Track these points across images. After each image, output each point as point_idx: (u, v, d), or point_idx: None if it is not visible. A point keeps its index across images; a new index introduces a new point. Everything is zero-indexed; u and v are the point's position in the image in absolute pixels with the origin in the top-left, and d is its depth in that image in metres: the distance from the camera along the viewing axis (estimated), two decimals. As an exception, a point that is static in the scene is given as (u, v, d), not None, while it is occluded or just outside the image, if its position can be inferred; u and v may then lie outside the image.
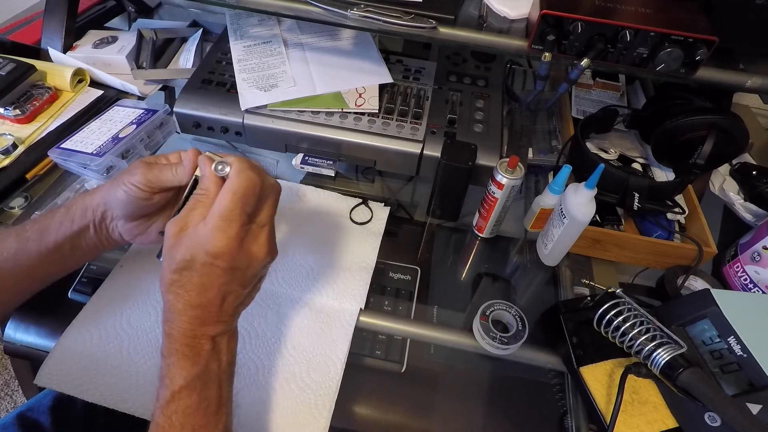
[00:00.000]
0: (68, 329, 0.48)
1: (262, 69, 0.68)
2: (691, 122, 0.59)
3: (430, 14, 0.57)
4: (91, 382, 0.45)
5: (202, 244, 0.35)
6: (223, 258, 0.36)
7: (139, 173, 0.41)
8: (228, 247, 0.36)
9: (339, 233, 0.60)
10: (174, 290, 0.36)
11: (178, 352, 0.36)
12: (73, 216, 0.43)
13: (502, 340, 0.49)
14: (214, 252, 0.35)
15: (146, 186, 0.42)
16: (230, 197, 0.36)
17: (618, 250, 0.60)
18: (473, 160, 0.58)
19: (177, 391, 0.35)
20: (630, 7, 0.53)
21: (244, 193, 0.36)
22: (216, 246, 0.35)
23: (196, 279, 0.36)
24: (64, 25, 0.75)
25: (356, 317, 0.52)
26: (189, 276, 0.36)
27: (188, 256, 0.36)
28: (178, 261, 0.36)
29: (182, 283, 0.36)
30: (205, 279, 0.36)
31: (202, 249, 0.35)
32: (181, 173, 0.42)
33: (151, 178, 0.42)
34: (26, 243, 0.42)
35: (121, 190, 0.42)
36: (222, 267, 0.36)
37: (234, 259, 0.36)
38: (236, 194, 0.36)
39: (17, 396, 1.17)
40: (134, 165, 0.42)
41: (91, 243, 0.45)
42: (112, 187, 0.43)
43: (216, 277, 0.36)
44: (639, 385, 0.47)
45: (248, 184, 0.37)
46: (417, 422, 0.47)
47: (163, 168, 0.42)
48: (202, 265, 0.36)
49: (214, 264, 0.36)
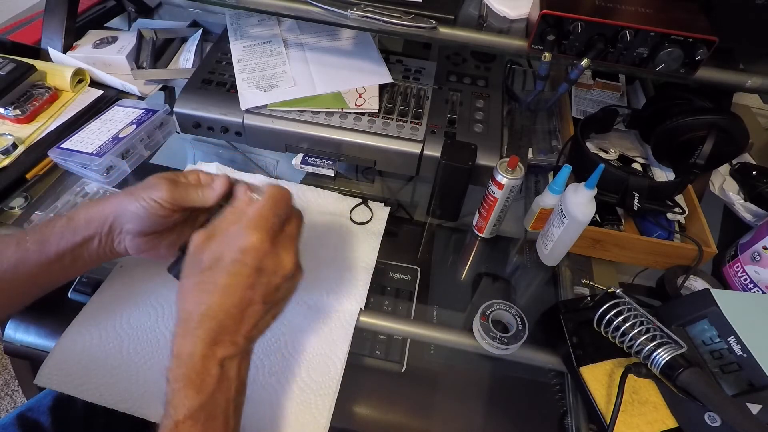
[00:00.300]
0: (68, 329, 0.48)
1: (262, 69, 0.68)
2: (691, 122, 0.59)
3: (430, 14, 0.57)
4: (90, 382, 0.45)
5: (233, 241, 0.36)
6: (253, 254, 0.36)
7: (163, 190, 0.41)
8: (260, 242, 0.36)
9: (339, 233, 0.60)
10: (194, 296, 0.35)
11: (184, 377, 0.33)
12: (75, 226, 0.42)
13: (502, 340, 0.49)
14: (245, 246, 0.35)
15: (170, 203, 0.41)
16: (265, 199, 0.38)
17: (618, 250, 0.60)
18: (473, 160, 0.58)
19: (181, 421, 0.33)
20: (630, 7, 0.53)
21: (278, 198, 0.38)
22: (249, 240, 0.35)
23: (221, 279, 0.35)
24: (64, 25, 0.75)
25: (356, 317, 0.52)
26: (213, 277, 0.35)
27: (217, 254, 0.36)
28: (204, 261, 0.36)
29: (205, 285, 0.35)
30: (231, 279, 0.35)
31: (233, 245, 0.36)
32: (208, 195, 0.43)
33: (177, 197, 0.42)
34: (26, 253, 0.41)
35: (140, 204, 0.41)
36: (250, 265, 0.36)
37: (263, 259, 0.36)
38: (271, 198, 0.38)
39: (17, 396, 1.17)
40: (155, 181, 0.42)
41: (93, 254, 0.44)
42: (126, 200, 0.42)
43: (242, 277, 0.35)
44: (639, 385, 0.47)
45: (281, 192, 0.39)
46: (417, 422, 0.47)
47: (189, 187, 0.43)
48: (231, 262, 0.35)
49: (244, 261, 0.35)
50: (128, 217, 0.42)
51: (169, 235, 0.46)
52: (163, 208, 0.41)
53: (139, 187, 0.42)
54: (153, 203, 0.41)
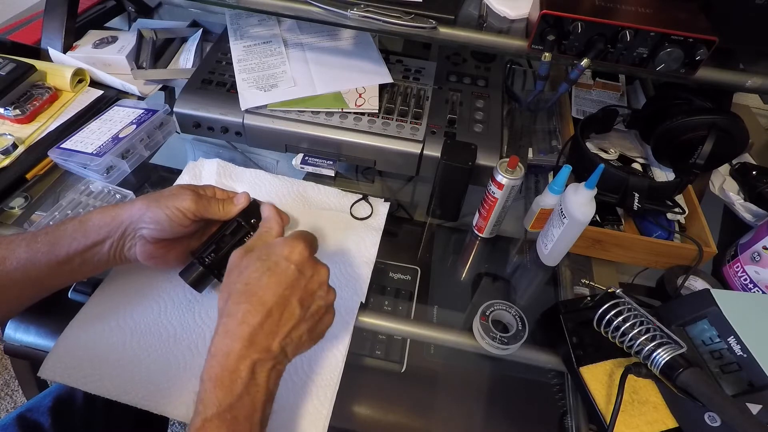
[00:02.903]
0: (72, 322, 0.48)
1: (262, 69, 0.68)
2: (691, 122, 0.59)
3: (430, 14, 0.57)
4: (94, 375, 0.45)
5: (276, 249, 0.40)
6: (297, 258, 0.39)
7: (189, 200, 0.44)
8: (303, 249, 0.40)
9: (339, 228, 0.60)
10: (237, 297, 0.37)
11: (216, 378, 0.35)
12: (87, 229, 0.43)
13: (502, 340, 0.49)
14: (289, 251, 0.39)
15: (193, 214, 0.44)
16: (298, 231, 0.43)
17: (618, 250, 0.60)
18: (473, 160, 0.58)
19: (208, 419, 0.34)
20: (630, 7, 0.53)
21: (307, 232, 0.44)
22: (292, 246, 0.40)
23: (265, 279, 0.38)
24: (64, 25, 0.75)
25: (356, 311, 0.52)
26: (257, 279, 0.38)
27: (263, 258, 0.39)
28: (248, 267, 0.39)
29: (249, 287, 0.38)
30: (274, 278, 0.38)
31: (277, 251, 0.40)
32: (229, 209, 0.48)
33: (200, 208, 0.45)
34: (36, 254, 0.42)
35: (164, 212, 0.43)
36: (293, 266, 0.39)
37: (304, 263, 0.40)
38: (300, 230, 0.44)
39: (17, 396, 1.17)
40: (179, 191, 0.45)
41: (102, 258, 0.45)
42: (147, 207, 0.43)
43: (285, 275, 0.38)
44: (639, 385, 0.47)
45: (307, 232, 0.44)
46: (417, 422, 0.47)
47: (211, 201, 0.47)
48: (275, 263, 0.39)
49: (287, 262, 0.39)
50: (146, 223, 0.43)
51: (178, 244, 0.48)
52: (186, 218, 0.44)
53: (164, 195, 0.44)
54: (177, 212, 0.44)
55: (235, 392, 0.34)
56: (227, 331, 0.36)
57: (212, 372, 0.35)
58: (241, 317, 0.36)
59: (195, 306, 0.51)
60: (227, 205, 0.48)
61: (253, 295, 0.37)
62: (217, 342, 0.36)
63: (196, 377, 0.44)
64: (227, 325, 0.36)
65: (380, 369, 0.50)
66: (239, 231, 0.48)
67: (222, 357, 0.35)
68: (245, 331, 0.36)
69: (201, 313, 0.50)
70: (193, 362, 0.47)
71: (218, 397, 0.34)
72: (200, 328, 0.49)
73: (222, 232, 0.48)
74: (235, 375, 0.35)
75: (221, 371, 0.35)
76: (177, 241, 0.48)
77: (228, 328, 0.36)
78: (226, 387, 0.34)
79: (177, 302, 0.51)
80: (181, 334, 0.48)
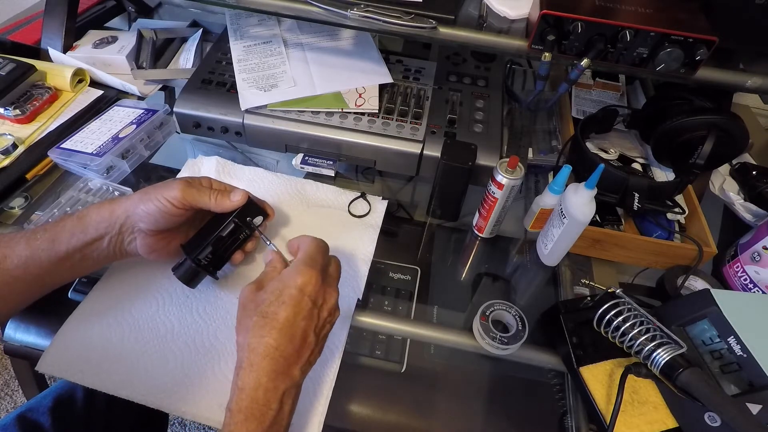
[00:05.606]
0: (70, 317, 0.48)
1: (262, 69, 0.68)
2: (691, 122, 0.59)
3: (430, 14, 0.57)
4: (91, 369, 0.45)
5: (289, 281, 0.40)
6: (310, 288, 0.40)
7: (176, 189, 0.44)
8: (313, 278, 0.41)
9: (337, 226, 0.60)
10: (256, 331, 0.38)
11: (247, 410, 0.36)
12: (85, 226, 0.43)
13: (502, 340, 0.49)
14: (302, 282, 0.40)
15: (180, 203, 0.44)
16: (313, 245, 0.44)
17: (618, 250, 0.60)
18: (473, 160, 0.58)
19: None
20: (630, 7, 0.53)
21: (321, 246, 0.45)
22: (304, 278, 0.40)
23: (282, 313, 0.39)
24: (64, 25, 0.75)
25: (354, 307, 0.52)
26: (274, 312, 0.39)
27: (277, 292, 0.40)
28: (264, 301, 0.40)
29: (266, 320, 0.39)
30: (291, 311, 0.39)
31: (290, 283, 0.40)
32: (223, 203, 0.46)
33: (188, 196, 0.44)
34: (36, 251, 0.42)
35: (153, 204, 0.43)
36: (309, 296, 0.40)
37: (317, 292, 0.41)
38: (316, 244, 0.44)
39: (17, 396, 1.17)
40: (171, 182, 0.45)
41: (102, 254, 0.45)
42: (140, 200, 0.44)
43: (301, 308, 0.39)
44: (639, 385, 0.47)
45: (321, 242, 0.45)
46: (417, 422, 0.47)
47: (202, 190, 0.46)
48: (290, 297, 0.39)
49: (302, 294, 0.40)
50: (140, 216, 0.44)
51: (178, 236, 0.48)
52: (174, 207, 0.44)
53: (156, 187, 0.45)
54: (165, 202, 0.44)
55: (265, 423, 0.36)
56: (252, 365, 0.37)
57: (242, 404, 0.36)
58: (263, 351, 0.38)
59: (193, 302, 0.51)
60: (221, 197, 0.46)
61: (272, 328, 0.38)
62: (243, 376, 0.37)
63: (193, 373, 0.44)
64: (251, 359, 0.38)
65: (380, 369, 0.50)
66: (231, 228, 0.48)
67: (251, 391, 0.37)
68: (270, 365, 0.37)
69: (198, 309, 0.50)
70: (190, 358, 0.47)
71: (249, 429, 0.36)
72: (197, 324, 0.49)
73: (212, 226, 0.48)
74: (266, 408, 0.36)
75: (251, 404, 0.36)
76: (176, 233, 0.48)
77: (252, 362, 0.37)
78: (257, 419, 0.36)
79: (175, 298, 0.51)
80: (179, 330, 0.49)
